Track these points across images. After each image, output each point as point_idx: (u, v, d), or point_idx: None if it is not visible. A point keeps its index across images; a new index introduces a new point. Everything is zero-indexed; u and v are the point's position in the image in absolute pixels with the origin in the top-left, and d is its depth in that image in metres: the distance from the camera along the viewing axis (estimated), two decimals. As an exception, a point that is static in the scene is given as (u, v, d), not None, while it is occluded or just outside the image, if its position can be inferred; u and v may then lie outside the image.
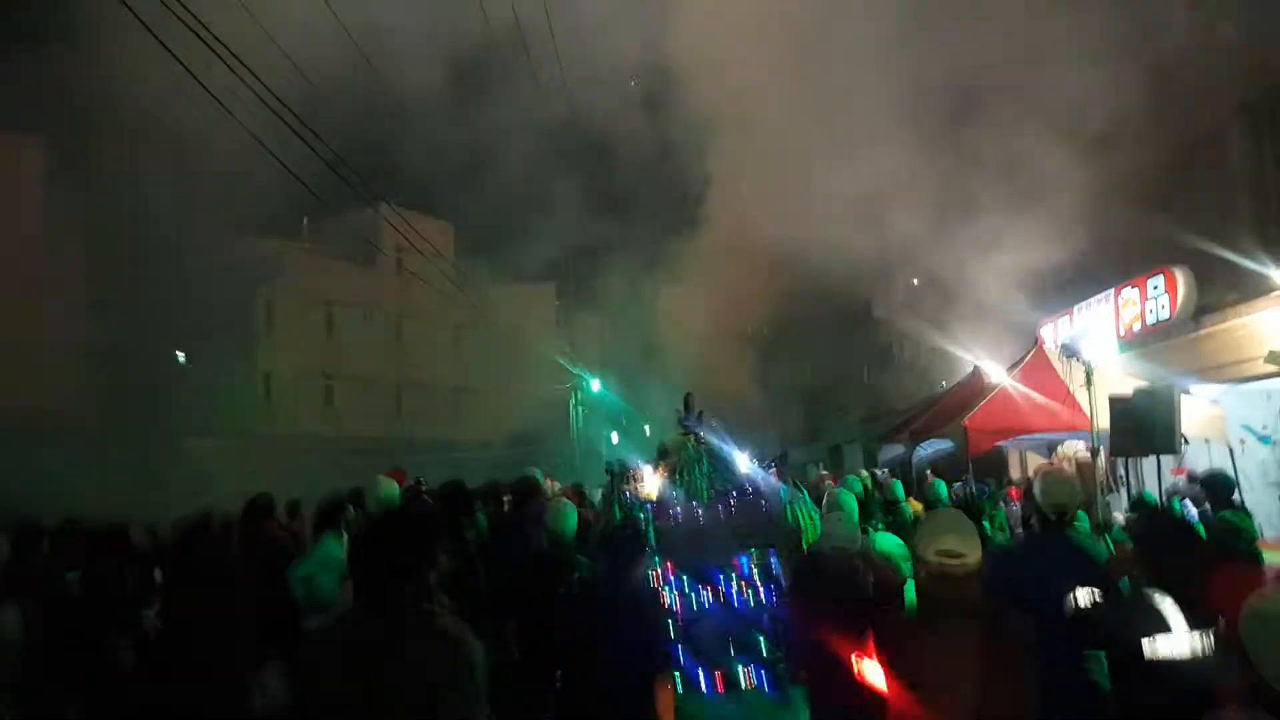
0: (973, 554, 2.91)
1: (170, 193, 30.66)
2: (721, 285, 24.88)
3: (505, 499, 7.23)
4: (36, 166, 28.67)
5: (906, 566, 4.13)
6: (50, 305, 27.95)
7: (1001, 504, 9.73)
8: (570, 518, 5.12)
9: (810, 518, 6.23)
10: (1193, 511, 7.08)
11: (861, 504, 6.21)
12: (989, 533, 6.78)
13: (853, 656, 3.34)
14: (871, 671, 3.17)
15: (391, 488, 5.77)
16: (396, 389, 37.83)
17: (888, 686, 2.89)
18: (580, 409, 38.55)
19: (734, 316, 25.64)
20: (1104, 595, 3.68)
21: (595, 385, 37.39)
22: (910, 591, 3.57)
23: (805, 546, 5.74)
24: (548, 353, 34.54)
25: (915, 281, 21.09)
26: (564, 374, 36.40)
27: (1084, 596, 3.71)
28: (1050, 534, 4.31)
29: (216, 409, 33.92)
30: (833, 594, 3.70)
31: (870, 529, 5.41)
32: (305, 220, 37.34)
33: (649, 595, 3.76)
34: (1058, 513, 4.25)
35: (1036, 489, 4.38)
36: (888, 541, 4.54)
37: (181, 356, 32.98)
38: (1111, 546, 5.61)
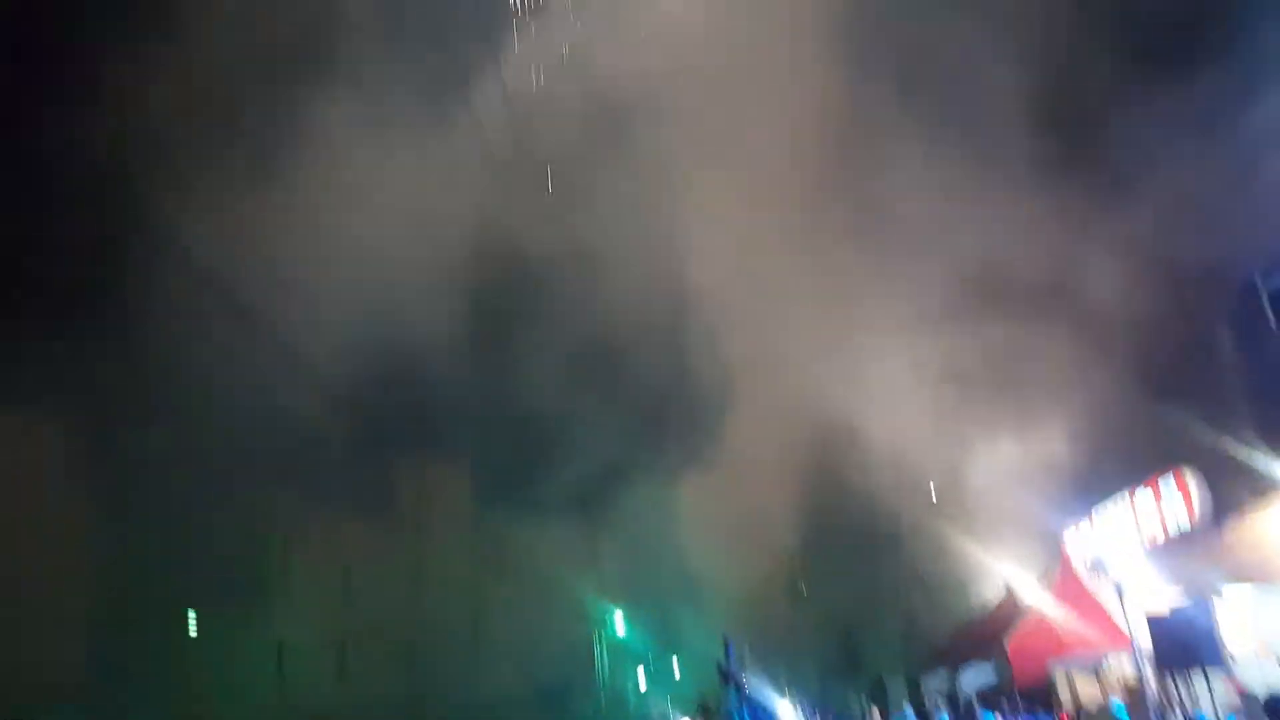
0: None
1: (186, 459, 31.43)
2: (748, 506, 24.87)
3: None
4: (44, 437, 29.17)
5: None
6: (52, 572, 27.68)
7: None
8: None
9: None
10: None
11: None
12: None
13: None
14: None
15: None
16: (413, 646, 36.50)
17: None
18: (605, 653, 36.85)
19: (763, 540, 25.40)
20: None
21: (620, 629, 35.98)
22: None
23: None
24: (570, 593, 33.67)
25: (933, 496, 21.14)
26: (588, 616, 35.17)
27: None
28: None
29: (227, 681, 32.57)
30: None
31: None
32: (320, 477, 37.83)
33: None
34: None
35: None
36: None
37: (193, 623, 32.21)
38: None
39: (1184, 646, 8.19)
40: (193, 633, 32.21)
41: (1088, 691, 10.93)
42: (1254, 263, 15.36)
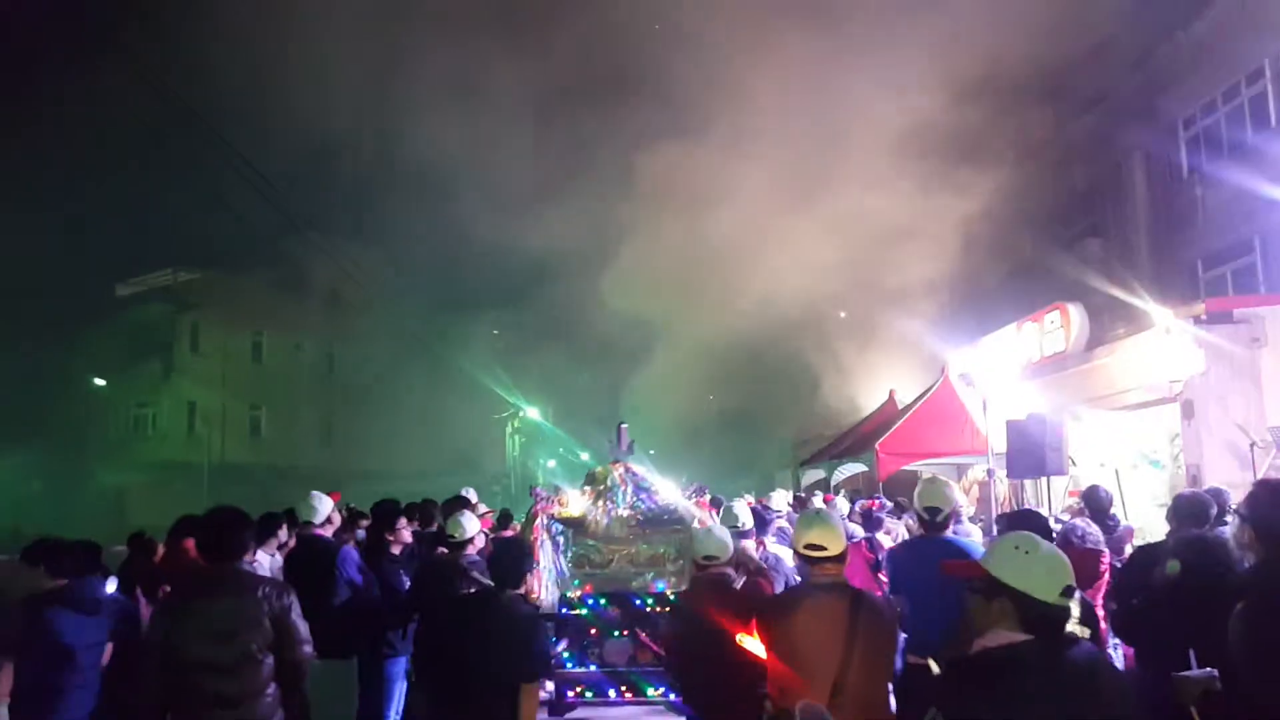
0: (834, 546, 3.37)
1: (94, 217, 29.90)
2: (660, 315, 25.55)
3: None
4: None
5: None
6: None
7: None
8: (461, 525, 5.45)
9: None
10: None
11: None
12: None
13: (736, 635, 3.75)
14: (752, 645, 3.58)
15: (327, 503, 6.02)
16: (327, 418, 37.26)
17: (766, 656, 3.31)
18: (517, 437, 38.52)
19: (674, 345, 26.31)
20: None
21: (533, 413, 37.41)
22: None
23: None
24: (485, 381, 34.54)
25: (843, 315, 21.99)
26: (502, 402, 36.39)
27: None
28: (929, 533, 4.84)
29: (137, 439, 32.92)
30: (706, 597, 4.08)
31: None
32: (237, 248, 36.79)
33: (527, 605, 4.01)
34: (931, 514, 4.79)
35: (915, 494, 4.93)
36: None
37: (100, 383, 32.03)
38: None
39: (1033, 454, 9.01)
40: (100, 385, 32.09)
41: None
42: (1177, 106, 15.49)
